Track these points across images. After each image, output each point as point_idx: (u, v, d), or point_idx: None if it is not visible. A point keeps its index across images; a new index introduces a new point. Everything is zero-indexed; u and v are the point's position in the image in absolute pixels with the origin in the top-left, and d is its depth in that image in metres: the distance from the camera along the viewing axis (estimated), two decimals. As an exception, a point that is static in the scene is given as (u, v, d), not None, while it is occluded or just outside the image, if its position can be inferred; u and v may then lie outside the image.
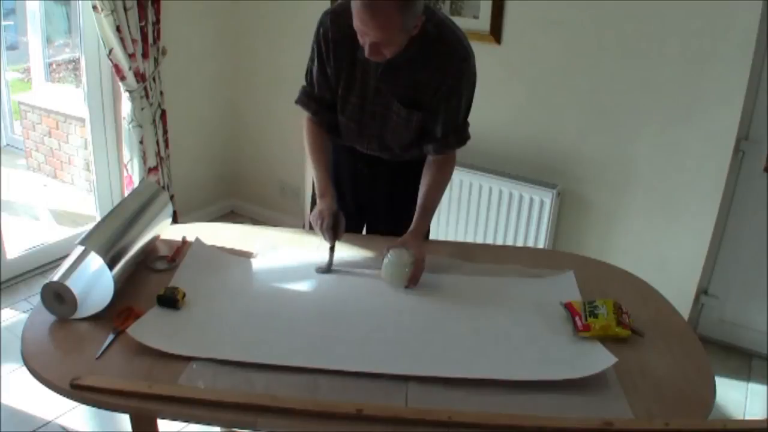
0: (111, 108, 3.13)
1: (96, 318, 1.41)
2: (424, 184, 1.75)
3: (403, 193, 1.87)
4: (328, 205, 1.67)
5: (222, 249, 1.74)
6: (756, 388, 2.49)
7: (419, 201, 1.74)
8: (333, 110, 1.78)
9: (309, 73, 1.78)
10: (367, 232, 2.01)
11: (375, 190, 1.92)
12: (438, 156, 1.76)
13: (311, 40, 1.73)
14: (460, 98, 1.68)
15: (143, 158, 3.04)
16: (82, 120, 3.48)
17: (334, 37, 1.66)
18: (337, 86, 1.72)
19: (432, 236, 2.87)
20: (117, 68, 2.85)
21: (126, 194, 3.03)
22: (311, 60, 1.75)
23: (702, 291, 2.68)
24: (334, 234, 1.65)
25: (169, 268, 1.63)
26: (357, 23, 1.48)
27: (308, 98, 1.79)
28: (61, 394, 1.23)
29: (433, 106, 1.68)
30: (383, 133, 1.76)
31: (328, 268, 1.66)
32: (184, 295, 1.48)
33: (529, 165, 2.77)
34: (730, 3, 2.22)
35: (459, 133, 1.75)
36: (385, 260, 1.61)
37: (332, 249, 1.67)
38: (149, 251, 1.68)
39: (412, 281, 1.59)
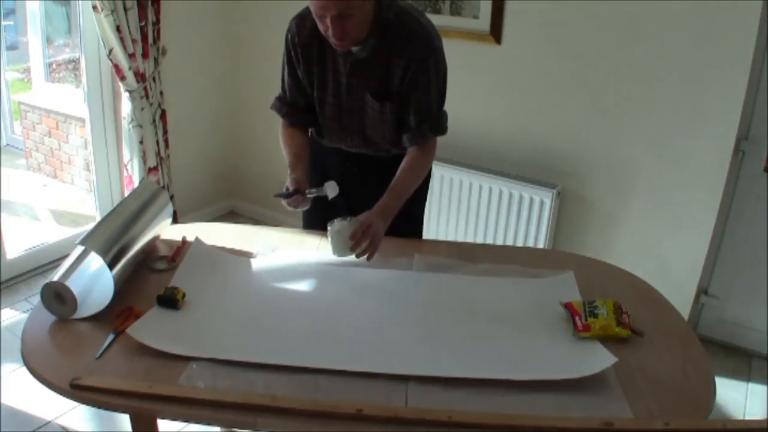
0: (111, 108, 3.13)
1: (96, 318, 1.41)
2: (399, 170, 1.74)
3: None
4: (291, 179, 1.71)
5: (222, 249, 1.74)
6: (756, 388, 2.49)
7: (391, 184, 1.72)
8: (306, 113, 1.82)
9: (282, 79, 1.82)
10: None
11: (365, 190, 1.92)
12: (414, 146, 1.76)
13: None
14: (428, 84, 1.68)
15: (143, 158, 3.04)
16: (82, 120, 3.48)
17: (301, 40, 1.70)
18: (312, 88, 1.76)
19: (432, 236, 2.89)
20: (117, 68, 2.85)
21: (126, 194, 3.04)
22: (282, 66, 1.79)
23: (702, 291, 2.68)
24: (295, 204, 1.69)
25: (169, 268, 1.63)
26: (314, 3, 1.49)
27: (281, 103, 1.85)
28: (61, 394, 1.23)
29: (402, 94, 1.68)
30: (363, 129, 1.77)
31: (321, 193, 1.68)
32: (184, 295, 1.48)
33: (529, 165, 2.77)
34: (730, 3, 2.22)
35: (433, 122, 1.74)
36: (328, 230, 1.61)
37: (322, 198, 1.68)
38: (149, 251, 1.68)
39: (355, 247, 1.56)
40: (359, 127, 1.77)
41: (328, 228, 1.60)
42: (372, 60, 1.65)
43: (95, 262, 1.49)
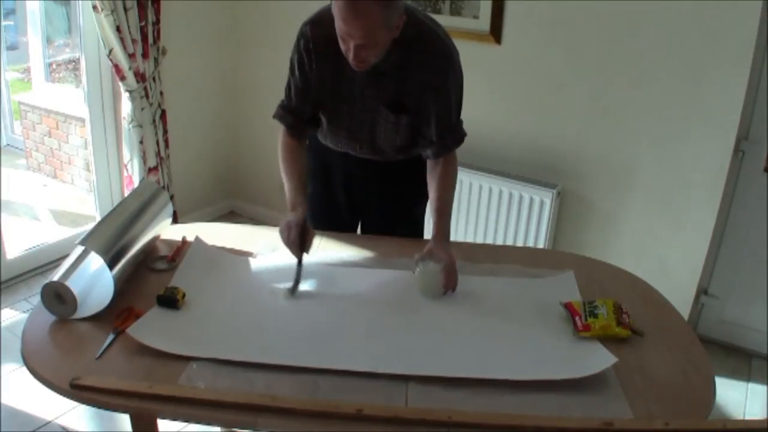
0: (111, 108, 3.13)
1: (96, 318, 1.41)
2: (433, 189, 1.73)
3: (395, 191, 1.87)
4: (296, 217, 1.62)
5: (222, 249, 1.74)
6: (756, 388, 2.49)
7: (433, 206, 1.71)
8: (311, 124, 1.78)
9: (288, 86, 1.75)
10: (362, 232, 2.01)
11: (368, 190, 1.92)
12: (439, 159, 1.74)
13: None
14: (448, 97, 1.66)
15: (143, 158, 3.04)
16: (82, 120, 3.48)
17: (316, 47, 1.64)
18: (324, 96, 1.70)
19: (432, 236, 2.89)
20: (117, 68, 2.85)
21: (126, 194, 3.04)
22: (291, 72, 1.72)
23: (702, 291, 2.68)
24: (300, 247, 1.59)
25: (169, 268, 1.63)
26: (339, 24, 1.45)
27: (285, 111, 1.77)
28: (61, 394, 1.23)
29: (421, 108, 1.66)
30: (374, 138, 1.74)
31: (294, 287, 1.56)
32: (184, 295, 1.48)
33: (529, 165, 2.77)
34: (730, 4, 2.22)
35: (455, 133, 1.73)
36: (416, 274, 1.58)
37: (299, 263, 1.59)
38: (149, 251, 1.68)
39: (449, 286, 1.56)
40: (370, 136, 1.74)
41: (418, 274, 1.57)
42: (389, 72, 1.61)
43: (95, 262, 1.49)
